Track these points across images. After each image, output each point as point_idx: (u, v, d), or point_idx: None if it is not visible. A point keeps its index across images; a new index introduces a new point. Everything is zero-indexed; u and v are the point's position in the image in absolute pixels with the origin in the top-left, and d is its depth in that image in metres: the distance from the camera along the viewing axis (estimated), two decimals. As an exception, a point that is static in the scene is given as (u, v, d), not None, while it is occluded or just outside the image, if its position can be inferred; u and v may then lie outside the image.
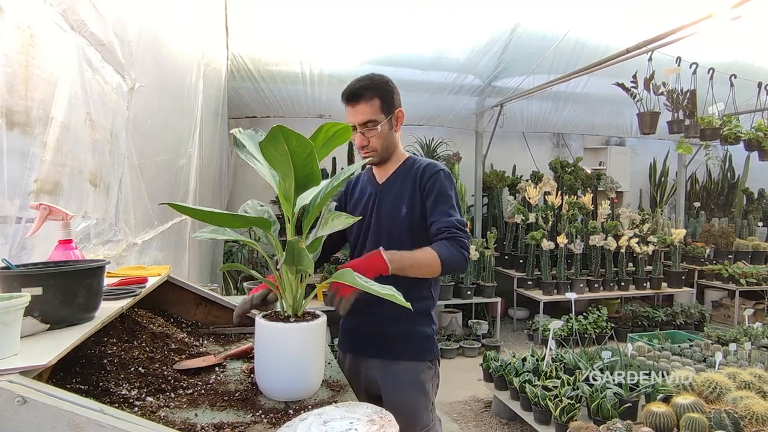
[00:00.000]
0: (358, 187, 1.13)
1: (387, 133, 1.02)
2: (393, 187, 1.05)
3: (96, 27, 0.92)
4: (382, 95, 1.01)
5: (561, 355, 2.34)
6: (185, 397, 0.72)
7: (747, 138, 3.03)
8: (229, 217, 0.73)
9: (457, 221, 0.98)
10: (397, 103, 1.04)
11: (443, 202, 1.00)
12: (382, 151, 1.03)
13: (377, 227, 1.04)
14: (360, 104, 1.00)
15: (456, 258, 0.94)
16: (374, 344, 1.03)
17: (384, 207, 1.05)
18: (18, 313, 0.51)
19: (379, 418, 0.61)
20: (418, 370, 1.02)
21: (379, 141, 1.02)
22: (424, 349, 1.03)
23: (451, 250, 0.94)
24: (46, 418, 0.44)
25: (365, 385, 1.05)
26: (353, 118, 1.01)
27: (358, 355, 1.06)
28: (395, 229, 1.02)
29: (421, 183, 1.01)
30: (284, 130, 0.63)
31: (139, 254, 1.25)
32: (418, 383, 1.01)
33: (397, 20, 2.78)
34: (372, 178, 1.11)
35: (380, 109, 1.00)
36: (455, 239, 0.95)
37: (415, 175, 1.03)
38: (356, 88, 1.00)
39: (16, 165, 0.72)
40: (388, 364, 1.02)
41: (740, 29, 2.74)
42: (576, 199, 3.90)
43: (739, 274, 3.76)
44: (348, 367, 1.07)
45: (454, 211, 0.99)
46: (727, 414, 1.50)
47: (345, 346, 1.10)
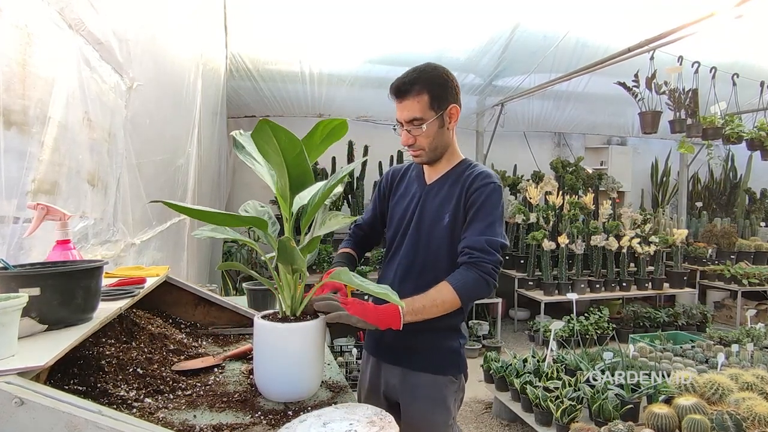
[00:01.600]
0: (404, 182, 1.04)
1: (436, 131, 0.93)
2: (440, 192, 0.97)
3: (94, 26, 0.92)
4: (432, 90, 0.91)
5: (562, 356, 2.33)
6: (184, 398, 0.72)
7: (749, 137, 3.01)
8: (226, 216, 0.73)
9: (487, 241, 0.88)
10: (450, 99, 0.93)
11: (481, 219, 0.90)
12: (430, 150, 0.95)
13: (417, 232, 0.97)
14: (406, 100, 0.91)
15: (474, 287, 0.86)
16: (397, 353, 0.99)
17: (427, 212, 0.97)
18: (15, 313, 0.51)
19: (379, 419, 0.61)
20: (440, 383, 0.96)
21: (427, 140, 0.93)
22: (449, 363, 0.97)
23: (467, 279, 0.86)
24: (43, 420, 0.44)
25: (385, 391, 1.01)
26: (399, 114, 0.93)
27: (380, 361, 1.02)
28: (435, 238, 0.94)
29: (468, 193, 0.92)
30: (271, 124, 0.63)
31: (138, 254, 1.25)
32: (438, 397, 0.96)
33: (397, 19, 2.78)
34: (420, 176, 1.03)
35: (429, 105, 0.91)
36: (477, 264, 0.87)
37: (464, 183, 0.94)
38: (403, 83, 0.91)
39: (13, 164, 0.71)
40: (408, 374, 0.97)
41: (742, 28, 2.73)
42: (577, 199, 3.89)
43: (741, 274, 3.74)
44: (370, 370, 1.04)
45: (490, 230, 0.89)
46: (729, 415, 1.49)
47: (370, 349, 1.06)
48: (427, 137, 0.93)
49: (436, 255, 0.93)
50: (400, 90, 0.92)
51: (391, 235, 1.03)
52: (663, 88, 2.72)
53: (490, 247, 0.88)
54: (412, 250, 0.97)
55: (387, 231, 1.06)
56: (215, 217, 0.73)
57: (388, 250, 1.05)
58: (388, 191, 1.07)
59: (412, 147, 0.96)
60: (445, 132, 0.96)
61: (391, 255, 1.03)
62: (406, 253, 0.98)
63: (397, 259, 0.99)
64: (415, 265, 0.96)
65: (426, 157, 0.97)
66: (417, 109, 0.91)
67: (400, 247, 1.00)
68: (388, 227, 1.06)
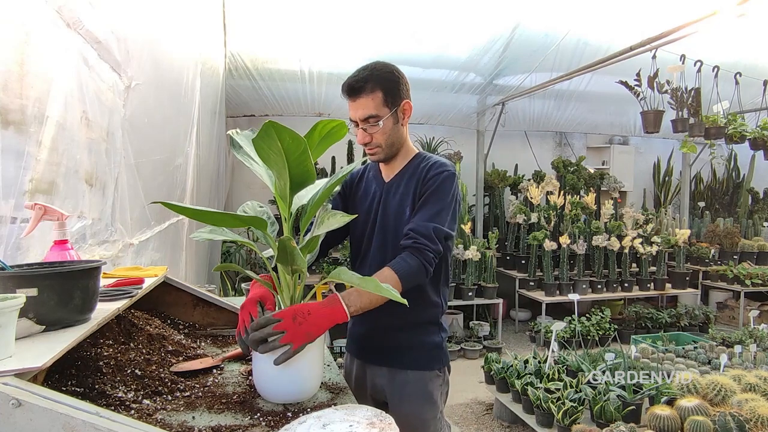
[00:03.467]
0: (363, 183, 1.05)
1: (391, 128, 0.93)
2: (399, 187, 0.97)
3: (92, 24, 0.91)
4: (386, 87, 0.91)
5: (563, 358, 2.32)
6: (182, 399, 0.71)
7: (752, 137, 3.00)
8: (224, 216, 0.72)
9: (434, 229, 0.88)
10: (403, 95, 0.94)
11: (431, 204, 0.90)
12: (387, 147, 0.95)
13: (383, 229, 0.97)
14: (360, 98, 0.91)
15: (416, 275, 0.86)
16: (381, 352, 0.99)
17: (389, 208, 0.97)
18: (13, 314, 0.51)
19: (379, 421, 0.60)
20: (426, 379, 0.97)
21: (384, 137, 0.93)
22: (432, 358, 0.99)
23: (411, 266, 0.85)
24: (41, 421, 0.44)
25: (372, 392, 1.01)
26: (354, 113, 0.93)
27: (365, 362, 1.02)
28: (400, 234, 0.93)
29: (423, 182, 0.94)
30: (276, 125, 0.62)
31: (136, 255, 1.25)
32: (425, 393, 0.97)
33: (397, 17, 2.77)
34: (378, 175, 1.03)
35: (383, 102, 0.91)
36: (420, 251, 0.86)
37: (419, 174, 0.95)
38: (356, 80, 0.90)
39: (11, 164, 0.71)
40: (395, 373, 0.98)
41: (745, 27, 2.71)
42: (579, 198, 3.88)
43: (744, 274, 3.72)
44: (355, 372, 1.04)
45: (438, 217, 0.89)
46: (732, 417, 1.48)
47: (352, 351, 1.06)
48: (384, 134, 0.93)
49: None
50: (353, 88, 0.91)
51: (358, 237, 1.02)
52: (665, 87, 2.71)
53: (436, 236, 0.88)
54: (381, 248, 0.97)
55: (351, 235, 1.05)
56: (213, 217, 0.72)
57: (356, 251, 1.04)
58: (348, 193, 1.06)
59: (368, 145, 0.95)
60: (399, 128, 0.96)
61: (362, 256, 1.01)
62: (375, 254, 0.97)
63: (368, 260, 0.99)
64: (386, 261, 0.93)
65: (383, 155, 0.96)
66: (372, 106, 0.91)
67: (369, 248, 0.99)
68: (351, 231, 1.04)
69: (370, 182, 1.04)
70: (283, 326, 0.70)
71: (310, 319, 0.72)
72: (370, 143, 0.95)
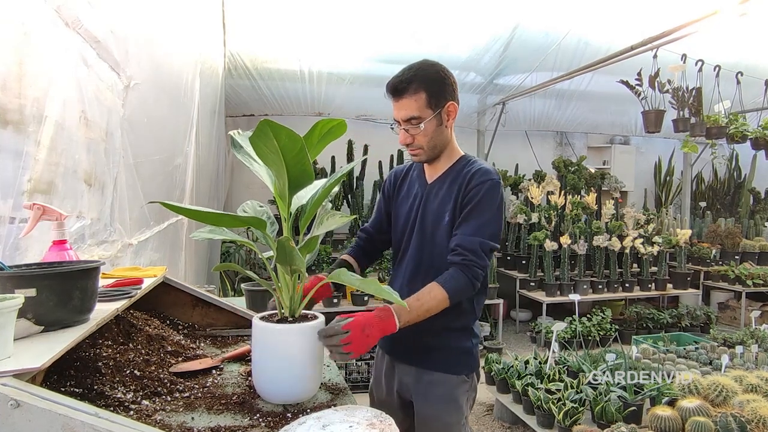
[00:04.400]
0: (406, 182, 1.04)
1: (434, 130, 0.92)
2: (440, 191, 0.96)
3: (91, 24, 0.91)
4: (430, 88, 0.89)
5: (564, 358, 2.32)
6: (182, 400, 0.71)
7: (754, 137, 2.98)
8: (224, 216, 0.72)
9: (480, 244, 0.88)
10: (448, 96, 0.92)
11: (476, 217, 0.89)
12: (429, 149, 0.93)
13: (421, 233, 0.96)
14: (403, 99, 0.90)
15: (464, 290, 0.88)
16: (411, 352, 0.99)
17: (429, 211, 0.96)
18: (11, 314, 0.51)
19: (379, 422, 0.60)
20: (453, 383, 0.96)
21: (425, 139, 0.92)
22: (461, 363, 0.97)
23: (458, 281, 0.87)
24: (39, 422, 0.44)
25: (398, 388, 1.02)
26: (396, 113, 0.92)
27: (395, 360, 1.03)
28: (439, 238, 0.94)
29: (466, 189, 0.91)
30: (272, 124, 0.62)
31: (135, 255, 1.25)
32: (451, 397, 0.96)
33: (397, 17, 2.76)
34: (421, 175, 1.02)
35: (426, 103, 0.89)
36: (467, 267, 0.87)
37: (462, 180, 0.93)
38: (399, 81, 0.89)
39: (9, 164, 0.71)
40: (422, 374, 0.97)
41: (746, 26, 2.70)
42: (579, 198, 3.87)
43: (745, 275, 3.71)
44: (385, 369, 1.05)
45: (482, 231, 0.89)
46: (733, 418, 1.48)
47: (384, 348, 1.06)
48: (426, 136, 0.92)
49: (441, 254, 0.93)
50: (396, 89, 0.90)
51: (398, 237, 1.03)
52: (666, 87, 2.70)
53: (482, 251, 0.88)
54: (417, 250, 0.97)
55: (393, 232, 1.06)
56: (213, 217, 0.72)
57: (396, 252, 1.05)
58: (392, 192, 1.06)
59: (410, 146, 0.94)
60: (443, 130, 0.94)
61: (399, 257, 1.03)
62: (412, 254, 0.98)
63: (405, 260, 0.99)
64: (422, 265, 0.96)
65: (425, 156, 0.96)
66: (414, 107, 0.90)
67: (407, 248, 1.00)
68: (393, 229, 1.05)
69: (414, 182, 1.03)
70: (351, 338, 0.75)
71: (370, 332, 0.77)
72: (411, 144, 0.93)
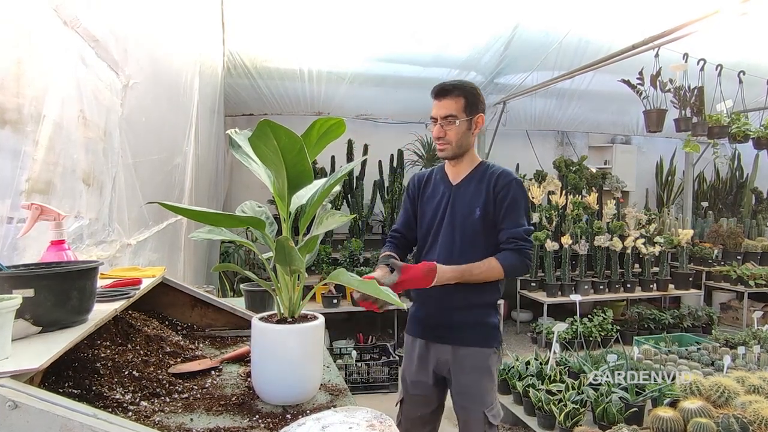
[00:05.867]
0: (430, 185, 1.22)
1: (464, 131, 1.12)
2: (468, 190, 1.15)
3: (90, 23, 0.91)
4: (468, 97, 1.12)
5: (565, 359, 2.31)
6: (180, 401, 0.71)
7: (756, 136, 2.97)
8: (222, 216, 0.72)
9: (524, 231, 1.10)
10: (480, 109, 1.14)
11: (514, 211, 1.10)
12: (456, 146, 1.13)
13: (451, 226, 1.14)
14: (446, 99, 1.11)
15: (519, 267, 1.10)
16: (445, 332, 1.15)
17: (458, 207, 1.14)
18: (9, 315, 0.50)
19: (378, 423, 0.59)
20: (486, 355, 1.13)
21: (456, 136, 1.12)
22: (491, 337, 1.15)
23: (514, 260, 1.09)
24: (38, 423, 0.43)
25: (434, 367, 1.17)
26: (437, 111, 1.12)
27: (430, 341, 1.18)
28: (468, 229, 1.12)
29: (495, 189, 1.12)
30: (271, 124, 0.62)
31: (134, 255, 1.24)
32: (484, 367, 1.13)
33: (397, 16, 2.76)
34: (445, 178, 1.20)
35: (463, 107, 1.11)
36: (519, 251, 1.09)
37: (489, 181, 1.13)
38: (446, 85, 1.12)
39: (7, 164, 0.71)
40: (459, 350, 1.14)
41: (748, 25, 2.69)
42: (581, 198, 3.86)
43: (748, 275, 3.70)
44: (418, 351, 1.19)
45: (523, 221, 1.11)
46: (735, 419, 1.47)
47: (414, 332, 1.21)
48: (456, 134, 1.12)
49: (472, 243, 1.11)
50: (444, 89, 1.12)
51: (425, 231, 1.20)
52: (668, 86, 2.69)
53: (527, 235, 1.11)
54: (449, 239, 1.14)
55: (419, 228, 1.22)
56: (212, 217, 0.72)
57: (422, 244, 1.20)
58: (416, 193, 1.24)
59: (441, 140, 1.13)
60: (469, 135, 1.15)
61: (428, 247, 1.18)
62: (443, 244, 1.14)
63: (437, 249, 1.15)
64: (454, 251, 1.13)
65: (450, 152, 1.14)
66: (454, 108, 1.11)
67: (437, 239, 1.16)
68: (419, 225, 1.22)
69: (438, 184, 1.21)
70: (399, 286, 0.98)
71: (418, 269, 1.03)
72: (443, 138, 1.13)
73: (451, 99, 1.11)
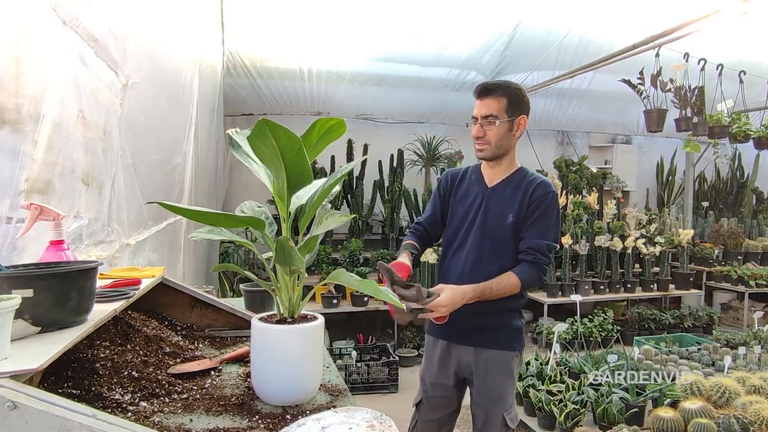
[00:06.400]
0: (464, 185, 1.19)
1: (504, 132, 1.09)
2: (503, 194, 1.12)
3: (89, 22, 0.91)
4: (510, 98, 1.09)
5: (565, 359, 2.31)
6: (180, 401, 0.71)
7: (756, 136, 2.97)
8: (221, 216, 0.71)
9: (546, 246, 1.08)
10: (523, 111, 1.11)
11: (541, 223, 1.08)
12: (495, 147, 1.10)
13: (482, 228, 1.12)
14: (488, 99, 1.09)
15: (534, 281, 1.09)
16: (468, 334, 1.14)
17: (491, 210, 1.12)
18: (8, 315, 0.50)
19: (378, 423, 0.59)
20: (508, 358, 1.13)
21: (496, 137, 1.09)
22: (514, 340, 1.14)
23: (530, 274, 1.07)
24: (37, 424, 0.43)
25: (456, 369, 1.17)
26: (478, 110, 1.10)
27: (452, 342, 1.17)
28: (500, 233, 1.10)
29: (531, 198, 1.09)
30: (270, 123, 0.61)
31: (133, 255, 1.24)
32: (507, 369, 1.13)
33: (397, 15, 2.75)
34: (480, 179, 1.17)
35: (505, 108, 1.08)
36: (537, 264, 1.07)
37: (526, 188, 1.11)
38: (489, 84, 1.09)
39: (6, 164, 0.70)
40: (481, 352, 1.13)
41: (749, 25, 2.68)
42: (581, 198, 3.85)
43: (748, 275, 3.69)
44: (440, 352, 1.19)
45: (547, 234, 1.09)
46: (736, 419, 1.46)
47: (438, 334, 1.20)
48: (496, 134, 1.09)
49: (501, 247, 1.10)
50: (486, 89, 1.09)
51: (454, 231, 1.17)
52: (669, 86, 2.68)
53: (548, 251, 1.09)
54: (479, 242, 1.12)
55: (448, 227, 1.20)
56: (211, 217, 0.71)
57: (450, 243, 1.18)
58: (449, 191, 1.21)
59: (480, 139, 1.11)
60: (510, 136, 1.12)
61: (456, 247, 1.16)
62: (473, 247, 1.12)
63: (465, 251, 1.14)
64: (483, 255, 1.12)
65: (489, 153, 1.11)
66: (495, 107, 1.08)
67: (466, 240, 1.14)
68: (449, 224, 1.19)
69: (473, 184, 1.18)
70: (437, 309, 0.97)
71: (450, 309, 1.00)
72: (482, 138, 1.10)
73: (493, 99, 1.08)
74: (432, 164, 3.78)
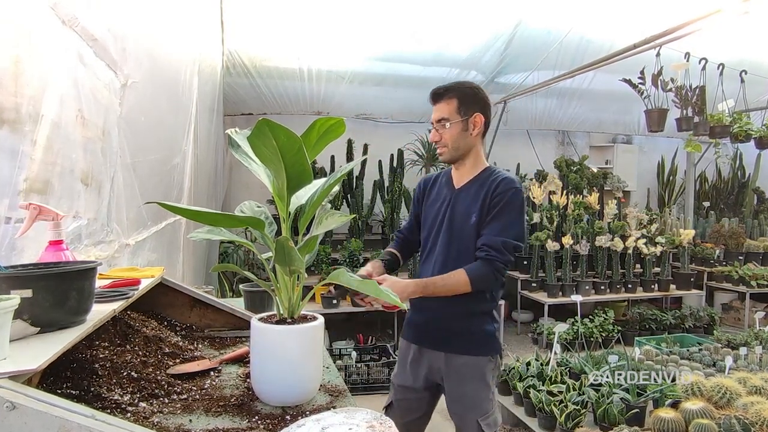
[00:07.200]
0: (435, 188, 1.20)
1: (458, 132, 1.09)
2: (468, 194, 1.12)
3: (88, 22, 0.90)
4: (461, 98, 1.09)
5: (566, 360, 2.30)
6: (179, 402, 0.71)
7: (758, 136, 2.96)
8: (221, 216, 0.71)
9: (503, 243, 1.04)
10: (477, 108, 1.10)
11: (500, 219, 1.06)
12: (452, 148, 1.10)
13: (449, 230, 1.12)
14: (439, 103, 1.10)
15: (486, 279, 1.04)
16: (440, 339, 1.12)
17: (457, 212, 1.12)
18: (7, 315, 0.50)
19: (378, 424, 0.59)
20: (481, 364, 1.10)
21: (450, 138, 1.09)
22: (486, 345, 1.11)
23: (481, 271, 1.03)
24: (35, 424, 0.43)
25: (427, 373, 1.15)
26: (433, 115, 1.12)
27: (424, 347, 1.15)
28: (465, 235, 1.09)
29: (492, 195, 1.07)
30: (270, 123, 0.61)
31: (132, 255, 1.24)
32: (479, 375, 1.10)
33: (397, 15, 2.75)
34: (449, 182, 1.18)
35: (456, 109, 1.09)
36: (490, 261, 1.03)
37: (489, 187, 1.09)
38: (439, 88, 1.11)
39: (5, 164, 0.70)
40: (452, 358, 1.11)
41: (750, 24, 2.68)
42: (582, 198, 3.85)
43: (749, 275, 3.68)
44: (412, 356, 1.17)
45: (506, 231, 1.05)
46: (737, 420, 1.46)
47: (410, 337, 1.19)
48: (451, 136, 1.09)
49: (467, 248, 1.08)
50: (436, 94, 1.11)
51: (426, 234, 1.18)
52: (669, 86, 2.68)
53: (504, 248, 1.04)
54: (446, 244, 1.11)
55: (422, 232, 1.21)
56: (211, 217, 0.71)
57: (423, 247, 1.19)
58: (422, 197, 1.22)
59: (437, 143, 1.12)
60: (468, 136, 1.11)
61: (428, 251, 1.17)
62: (441, 249, 1.12)
63: (435, 254, 1.14)
64: (450, 257, 1.10)
65: (448, 155, 1.12)
66: (446, 110, 1.09)
67: (436, 243, 1.14)
68: (422, 228, 1.20)
69: (442, 188, 1.19)
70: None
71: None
72: (439, 142, 1.11)
73: (443, 102, 1.09)
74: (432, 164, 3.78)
